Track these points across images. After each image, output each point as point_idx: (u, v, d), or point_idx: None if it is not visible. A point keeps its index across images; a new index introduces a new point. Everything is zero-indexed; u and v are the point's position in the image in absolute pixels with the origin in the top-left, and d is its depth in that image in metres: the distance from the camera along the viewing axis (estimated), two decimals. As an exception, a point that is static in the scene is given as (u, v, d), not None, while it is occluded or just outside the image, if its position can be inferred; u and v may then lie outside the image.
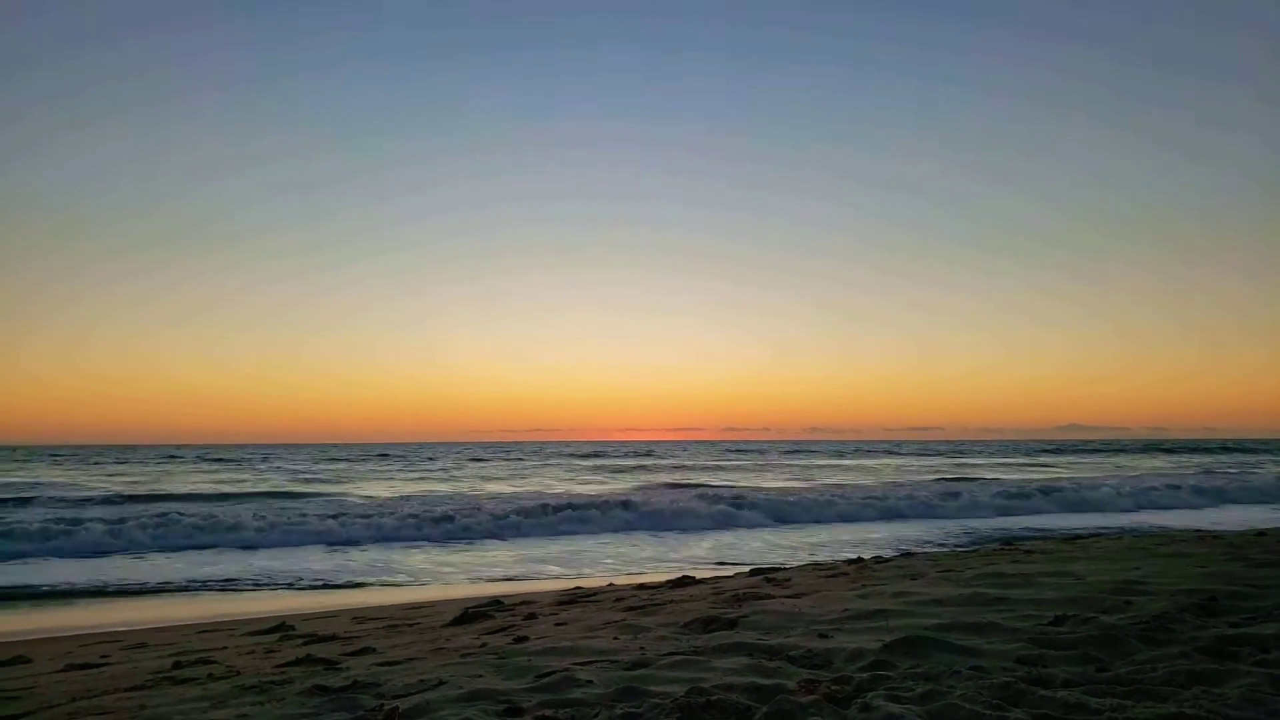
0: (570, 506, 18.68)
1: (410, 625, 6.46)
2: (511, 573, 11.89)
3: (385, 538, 14.47)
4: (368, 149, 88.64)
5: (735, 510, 19.41)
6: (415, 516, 16.08)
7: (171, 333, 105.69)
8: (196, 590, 10.55)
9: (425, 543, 14.17)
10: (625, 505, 19.21)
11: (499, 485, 31.62)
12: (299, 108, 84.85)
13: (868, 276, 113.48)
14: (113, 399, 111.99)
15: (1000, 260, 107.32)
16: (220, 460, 56.65)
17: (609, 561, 13.20)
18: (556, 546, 14.44)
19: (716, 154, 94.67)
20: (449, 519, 16.15)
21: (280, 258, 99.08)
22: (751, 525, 17.71)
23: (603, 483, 33.14)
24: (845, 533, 16.98)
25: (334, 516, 16.11)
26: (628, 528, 16.44)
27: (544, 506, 18.91)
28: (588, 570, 12.29)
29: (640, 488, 28.70)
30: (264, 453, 77.53)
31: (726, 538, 16.03)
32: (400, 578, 11.43)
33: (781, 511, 19.35)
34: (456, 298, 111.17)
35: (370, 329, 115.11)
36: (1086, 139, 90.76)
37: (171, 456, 65.22)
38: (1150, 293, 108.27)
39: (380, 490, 29.40)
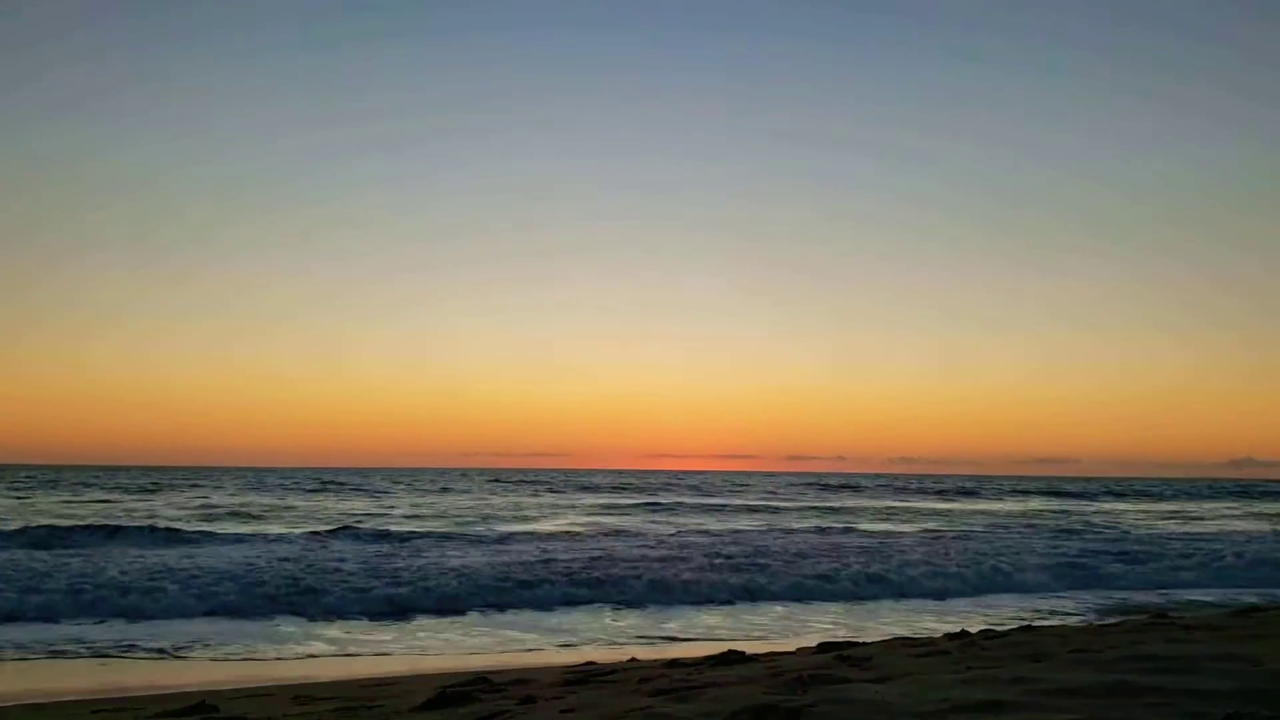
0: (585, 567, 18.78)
1: (370, 708, 6.54)
2: (486, 642, 11.98)
3: (231, 610, 14.08)
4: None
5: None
6: (290, 582, 15.67)
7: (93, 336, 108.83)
8: (83, 656, 10.71)
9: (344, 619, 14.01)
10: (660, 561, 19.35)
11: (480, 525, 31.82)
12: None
13: (976, 263, 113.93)
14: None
15: (1162, 246, 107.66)
16: (120, 484, 57.34)
17: (627, 628, 13.27)
18: (555, 618, 14.54)
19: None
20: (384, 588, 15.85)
21: (225, 243, 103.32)
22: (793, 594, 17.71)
23: (629, 528, 33.35)
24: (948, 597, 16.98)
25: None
26: (651, 587, 16.49)
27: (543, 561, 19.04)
28: (600, 637, 12.37)
29: (677, 534, 28.77)
30: (195, 477, 78.72)
31: (779, 607, 16.14)
32: (351, 647, 11.55)
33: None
34: (445, 293, 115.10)
35: (334, 323, 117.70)
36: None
37: (53, 481, 66.04)
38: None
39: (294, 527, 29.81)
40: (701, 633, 12.89)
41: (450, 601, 14.77)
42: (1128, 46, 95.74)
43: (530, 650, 11.37)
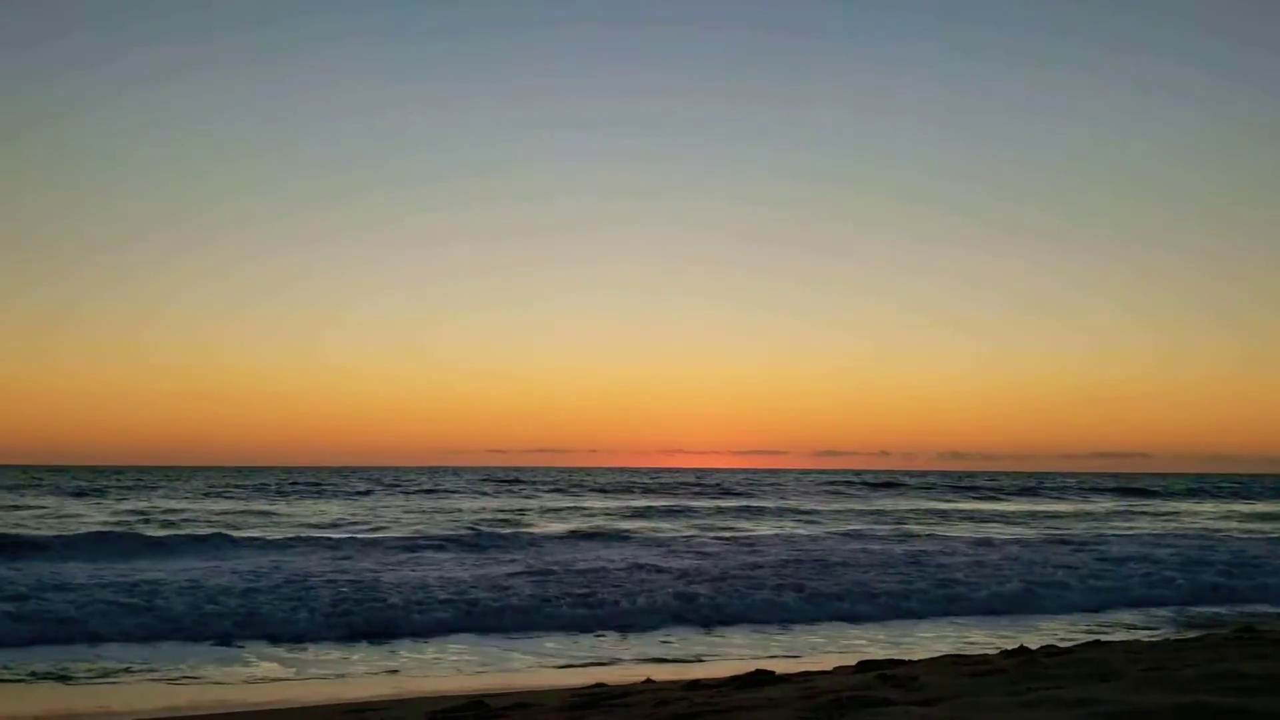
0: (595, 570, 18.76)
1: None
2: (481, 662, 12.02)
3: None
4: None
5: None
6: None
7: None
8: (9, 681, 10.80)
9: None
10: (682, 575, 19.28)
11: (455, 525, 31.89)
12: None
13: (1033, 241, 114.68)
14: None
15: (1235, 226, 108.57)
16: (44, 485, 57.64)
17: (642, 644, 13.30)
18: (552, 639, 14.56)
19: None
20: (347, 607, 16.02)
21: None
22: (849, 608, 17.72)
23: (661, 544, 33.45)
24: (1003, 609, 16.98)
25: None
26: (681, 599, 16.48)
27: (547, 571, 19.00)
28: (610, 654, 12.41)
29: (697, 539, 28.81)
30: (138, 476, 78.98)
31: (823, 628, 16.16)
32: (324, 670, 11.61)
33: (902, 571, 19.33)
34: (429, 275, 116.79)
35: (306, 308, 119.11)
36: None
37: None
38: None
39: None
40: (726, 650, 12.94)
41: (439, 621, 14.77)
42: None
43: (531, 670, 11.43)
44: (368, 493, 57.17)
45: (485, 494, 58.04)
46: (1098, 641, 10.43)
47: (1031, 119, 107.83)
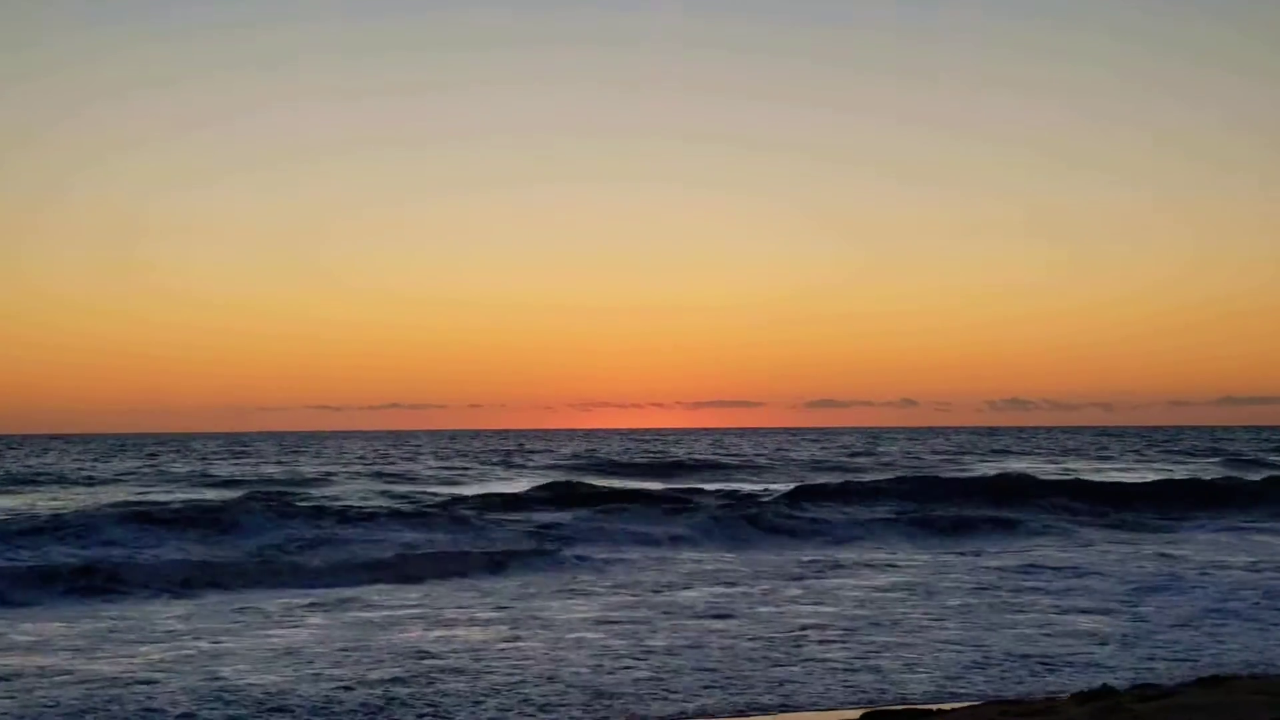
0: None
1: None
2: None
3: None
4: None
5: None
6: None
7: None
8: None
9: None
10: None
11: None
12: None
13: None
14: None
15: None
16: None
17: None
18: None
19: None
20: None
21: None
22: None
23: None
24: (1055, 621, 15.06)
25: None
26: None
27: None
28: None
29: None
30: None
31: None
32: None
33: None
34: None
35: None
36: None
37: None
38: None
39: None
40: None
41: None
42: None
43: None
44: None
45: (298, 462, 52.41)
46: (1215, 678, 8.23)
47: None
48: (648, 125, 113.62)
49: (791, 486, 33.49)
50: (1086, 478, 37.33)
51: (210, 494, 32.64)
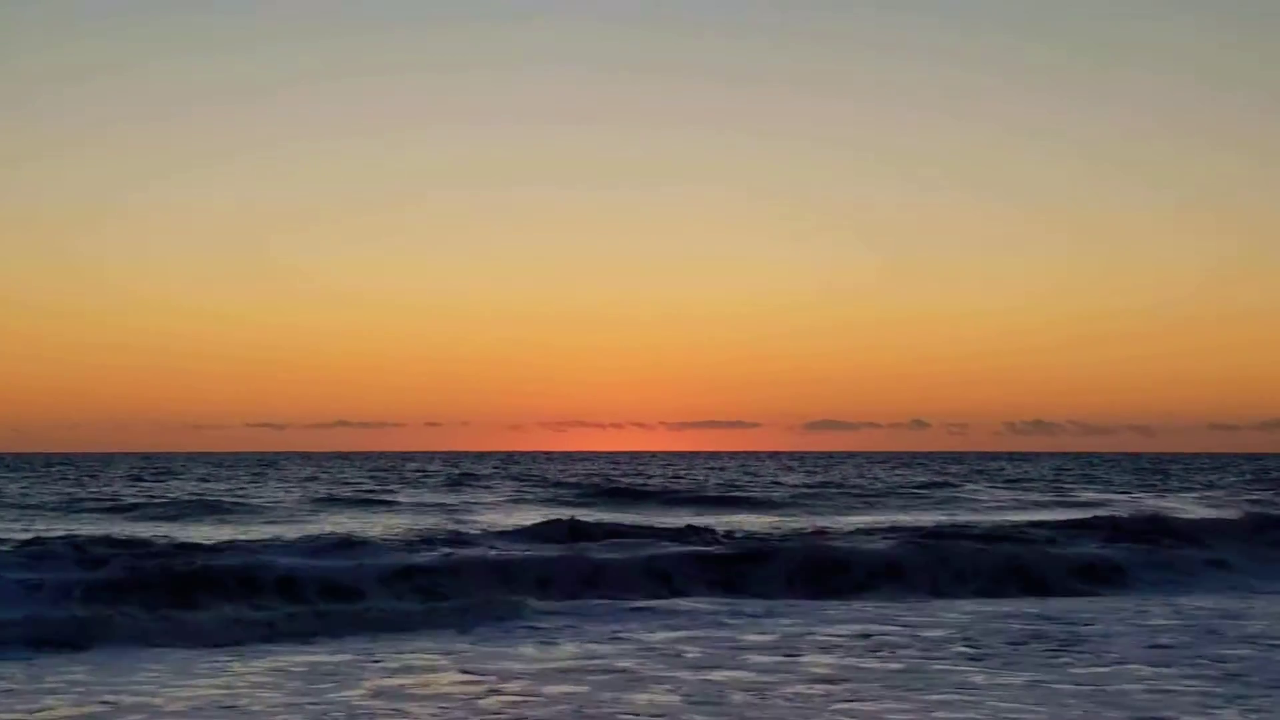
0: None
1: None
2: None
3: None
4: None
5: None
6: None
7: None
8: None
9: None
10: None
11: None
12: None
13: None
14: None
15: None
16: None
17: None
18: None
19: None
20: None
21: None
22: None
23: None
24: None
25: None
26: None
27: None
28: None
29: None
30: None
31: None
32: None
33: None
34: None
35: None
36: None
37: None
38: None
39: None
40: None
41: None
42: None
43: None
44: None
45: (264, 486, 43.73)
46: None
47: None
48: (624, 113, 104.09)
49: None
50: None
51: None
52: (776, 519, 30.11)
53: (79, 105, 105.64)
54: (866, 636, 12.89)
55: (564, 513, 28.15)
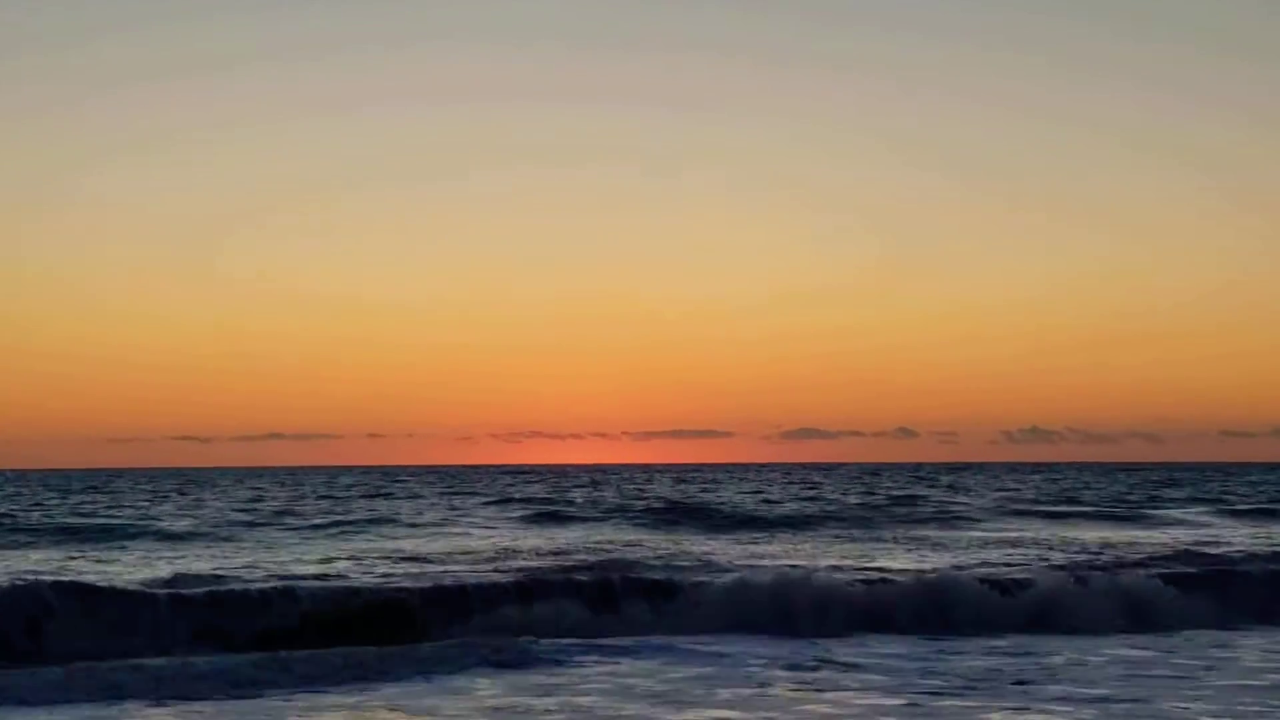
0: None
1: None
2: None
3: None
4: None
5: None
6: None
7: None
8: None
9: None
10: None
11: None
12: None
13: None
14: None
15: None
16: None
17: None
18: None
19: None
20: None
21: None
22: None
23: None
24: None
25: None
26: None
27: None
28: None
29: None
30: None
31: None
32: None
33: None
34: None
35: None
36: None
37: None
38: None
39: None
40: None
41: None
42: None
43: None
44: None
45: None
46: None
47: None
48: (587, 93, 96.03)
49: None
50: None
51: None
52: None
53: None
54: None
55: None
